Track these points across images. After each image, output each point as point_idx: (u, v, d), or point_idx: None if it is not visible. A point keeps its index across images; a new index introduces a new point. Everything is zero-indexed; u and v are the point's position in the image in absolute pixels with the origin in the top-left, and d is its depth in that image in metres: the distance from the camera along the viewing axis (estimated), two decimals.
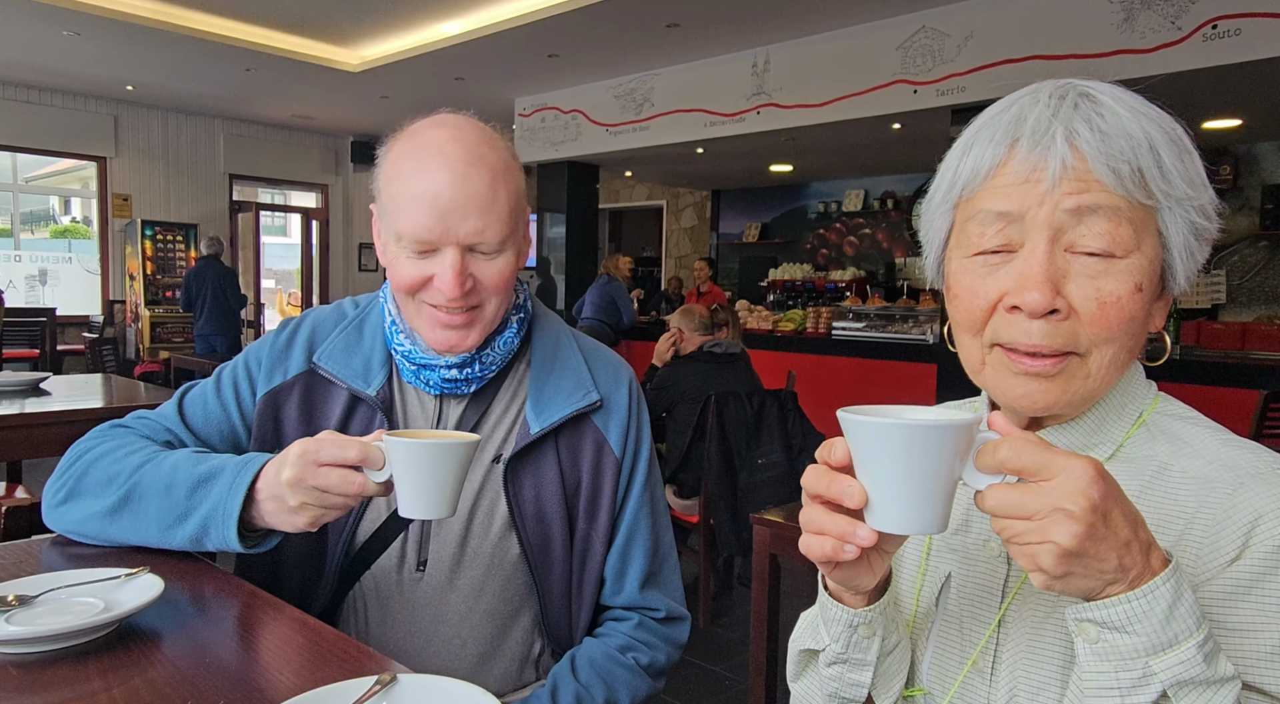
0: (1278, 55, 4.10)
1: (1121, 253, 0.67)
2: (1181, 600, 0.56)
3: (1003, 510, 0.56)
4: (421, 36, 6.42)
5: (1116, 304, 0.66)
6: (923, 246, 0.80)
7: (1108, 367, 0.69)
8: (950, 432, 0.56)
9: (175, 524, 0.99)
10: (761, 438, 3.33)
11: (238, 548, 0.95)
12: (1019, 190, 0.68)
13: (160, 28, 6.11)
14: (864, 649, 0.75)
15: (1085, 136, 0.66)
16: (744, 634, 3.20)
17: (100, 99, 8.51)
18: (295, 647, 0.87)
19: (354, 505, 0.93)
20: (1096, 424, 0.74)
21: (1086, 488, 0.53)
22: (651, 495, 1.17)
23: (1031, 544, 0.55)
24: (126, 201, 8.79)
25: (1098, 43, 4.57)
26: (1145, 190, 0.67)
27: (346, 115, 9.06)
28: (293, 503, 0.90)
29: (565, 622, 1.14)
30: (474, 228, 0.99)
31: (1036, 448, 0.55)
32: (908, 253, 9.03)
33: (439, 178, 0.98)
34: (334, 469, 0.88)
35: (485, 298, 1.04)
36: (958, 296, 0.73)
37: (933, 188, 0.77)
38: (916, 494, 0.57)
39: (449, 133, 1.01)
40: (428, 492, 0.86)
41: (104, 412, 2.81)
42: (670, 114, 6.79)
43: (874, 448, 0.57)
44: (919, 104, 5.35)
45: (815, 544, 0.63)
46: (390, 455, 0.86)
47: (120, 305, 8.81)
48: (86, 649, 0.83)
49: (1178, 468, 0.69)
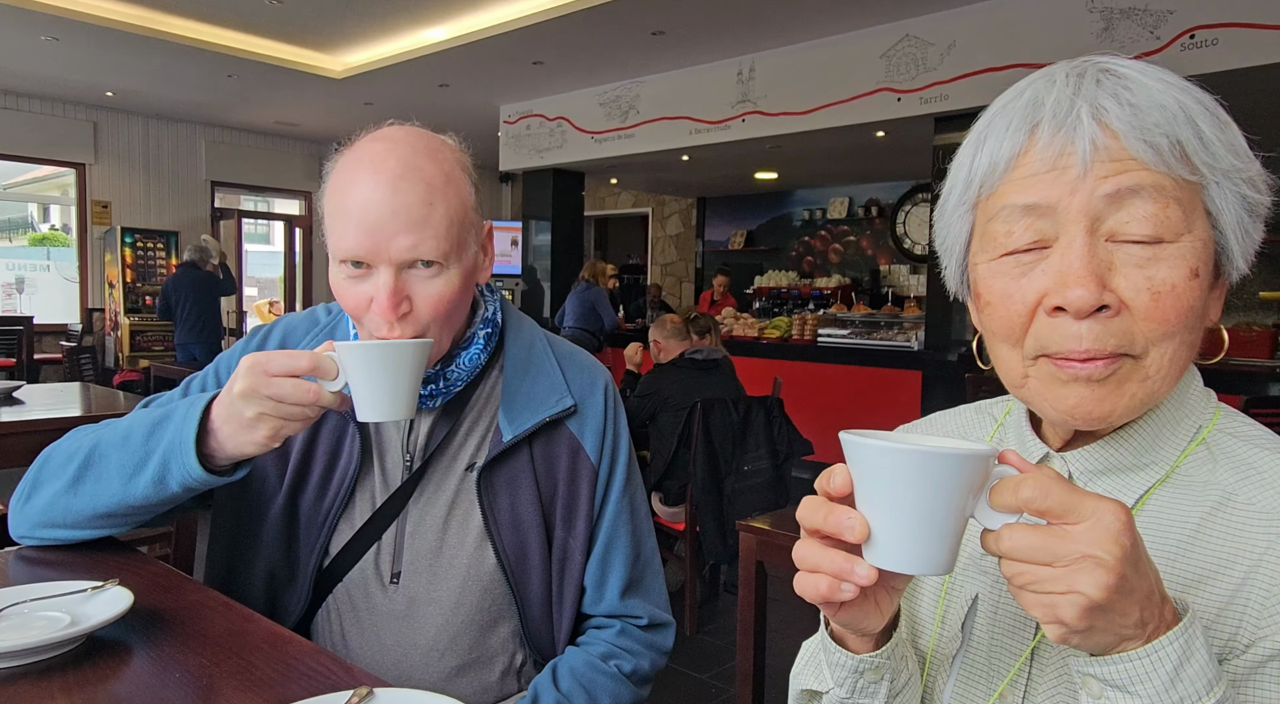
0: (1255, 65, 4.15)
1: (1171, 236, 0.59)
2: (1191, 661, 0.50)
3: (1022, 554, 0.50)
4: (406, 43, 6.40)
5: (1172, 293, 0.59)
6: (940, 256, 0.73)
7: (1168, 366, 0.61)
8: (968, 461, 0.50)
9: (137, 471, 0.96)
10: (747, 444, 3.32)
11: (201, 474, 0.92)
12: (1046, 180, 0.61)
13: (140, 33, 6.05)
14: (871, 694, 0.67)
15: (1115, 112, 0.59)
16: (730, 642, 3.18)
17: (79, 105, 8.42)
18: (269, 660, 0.85)
19: (313, 417, 0.90)
20: (1149, 440, 0.65)
21: (1119, 534, 0.48)
22: (631, 501, 1.16)
23: (1054, 594, 0.49)
24: (106, 209, 8.70)
25: (1078, 51, 4.50)
26: (1188, 165, 0.59)
27: (330, 122, 9.01)
28: (249, 414, 0.88)
29: (546, 631, 1.12)
30: (405, 244, 0.93)
31: (1064, 487, 0.49)
32: (892, 260, 9.08)
33: (367, 193, 0.93)
34: (287, 379, 0.87)
35: (425, 324, 0.97)
36: (990, 303, 0.65)
37: (945, 190, 0.70)
38: (925, 529, 0.51)
39: (384, 146, 0.96)
40: (384, 393, 0.87)
41: (80, 420, 2.77)
42: (655, 121, 6.80)
43: (880, 475, 0.52)
44: (903, 112, 5.39)
45: (809, 583, 0.56)
46: (343, 362, 0.88)
47: (99, 314, 8.71)
48: (51, 665, 0.80)
49: (1243, 498, 0.61)
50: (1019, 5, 4.87)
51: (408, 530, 1.07)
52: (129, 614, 0.86)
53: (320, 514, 1.07)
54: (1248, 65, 4.17)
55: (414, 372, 0.89)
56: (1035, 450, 0.71)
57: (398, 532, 1.07)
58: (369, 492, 1.08)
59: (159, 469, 0.94)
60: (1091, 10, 4.59)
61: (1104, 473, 0.67)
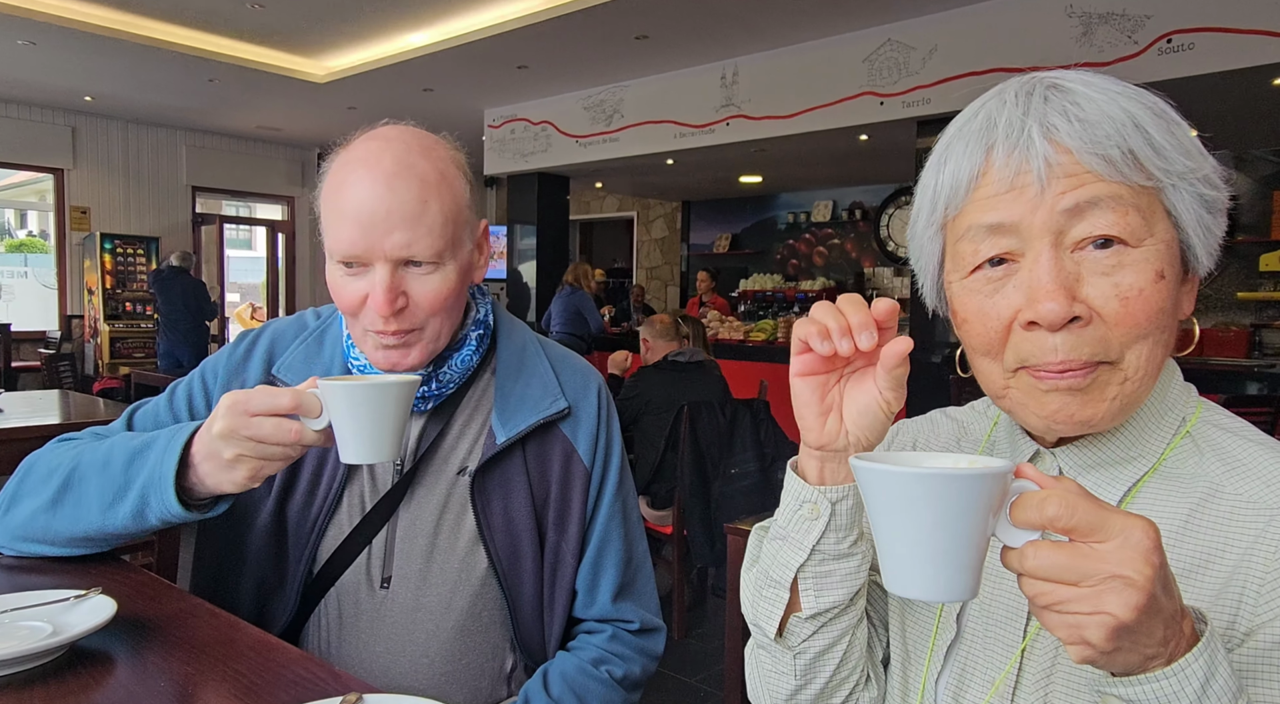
0: (1231, 69, 4.21)
1: (1134, 242, 0.61)
2: (1216, 676, 0.50)
3: (1048, 572, 0.48)
4: (389, 47, 6.38)
5: (1140, 297, 0.61)
6: (916, 274, 0.75)
7: (1145, 366, 0.62)
8: (986, 481, 0.49)
9: (116, 501, 0.95)
10: (734, 448, 3.32)
11: (179, 512, 0.91)
12: (1006, 200, 0.63)
13: (119, 37, 5.99)
14: (804, 530, 0.68)
15: (1064, 129, 0.61)
16: (719, 646, 3.18)
17: (58, 110, 8.32)
18: (256, 668, 0.84)
19: (295, 455, 0.89)
20: (1135, 434, 0.67)
21: (1149, 553, 0.47)
22: (623, 505, 1.15)
23: (1080, 614, 0.47)
24: (85, 214, 8.60)
25: (1058, 56, 4.66)
26: (1143, 172, 0.61)
27: (313, 126, 8.96)
28: (228, 455, 0.87)
29: (538, 636, 1.11)
30: (400, 241, 0.94)
31: (1091, 504, 0.48)
32: (876, 263, 9.12)
33: (362, 191, 0.94)
34: (268, 418, 0.85)
35: (422, 319, 0.98)
36: (966, 320, 0.68)
37: (914, 212, 0.72)
38: (947, 553, 0.49)
39: (379, 144, 0.97)
40: (368, 435, 0.84)
41: (59, 428, 2.73)
42: (640, 125, 6.80)
43: (895, 501, 0.50)
44: (885, 116, 5.42)
45: (802, 326, 0.63)
46: (326, 401, 0.85)
47: (78, 321, 8.60)
48: (32, 675, 0.79)
49: (1231, 490, 0.62)
50: (999, 10, 4.92)
51: (398, 535, 1.06)
52: (112, 623, 0.85)
53: (308, 520, 1.06)
54: (1224, 69, 4.23)
55: (399, 412, 0.85)
56: (1026, 448, 0.73)
57: (388, 536, 1.06)
58: (357, 496, 1.07)
59: (138, 502, 0.93)
60: (1071, 15, 4.64)
61: (1093, 467, 0.68)
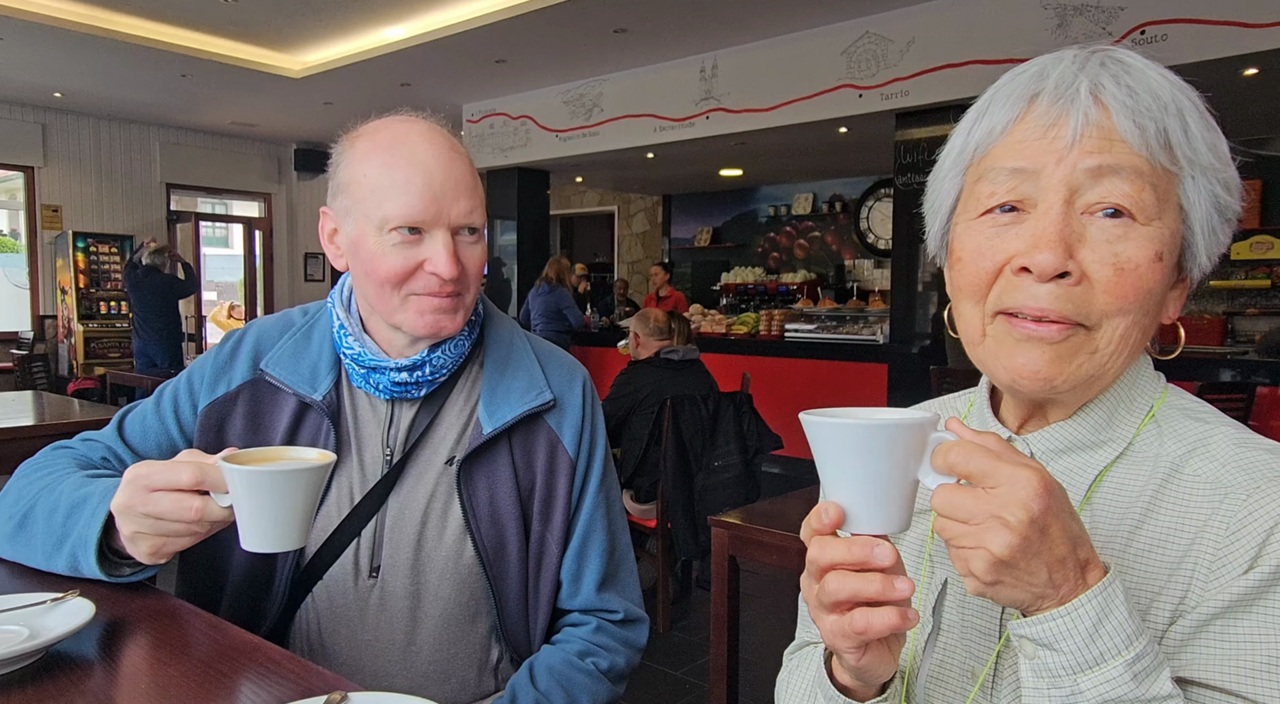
0: (1204, 59, 4.26)
1: (1143, 219, 0.62)
2: (1110, 617, 0.54)
3: (945, 510, 0.55)
4: (365, 42, 6.31)
5: (1135, 272, 0.62)
6: (926, 218, 0.76)
7: (1118, 342, 0.64)
8: (905, 430, 0.57)
9: (54, 550, 0.95)
10: (718, 440, 3.33)
11: (102, 577, 0.91)
12: (1035, 146, 0.64)
13: (89, 32, 5.89)
14: None
15: (1111, 90, 0.63)
16: (704, 638, 3.19)
17: (26, 107, 8.18)
18: (238, 669, 0.83)
19: (203, 532, 0.85)
20: (1105, 418, 0.69)
21: (1028, 500, 0.52)
22: (607, 496, 1.17)
23: (966, 548, 0.54)
24: (57, 213, 8.46)
25: (1034, 47, 4.63)
26: (1169, 154, 0.63)
27: (289, 122, 8.86)
28: (126, 532, 0.86)
29: (523, 627, 1.12)
30: (465, 208, 1.02)
31: (985, 454, 0.54)
32: (856, 255, 9.18)
33: (428, 160, 1.00)
34: (166, 494, 0.81)
35: (469, 284, 1.05)
36: (961, 259, 0.69)
37: (942, 154, 0.73)
38: (880, 491, 0.58)
39: (422, 126, 1.04)
40: (270, 522, 0.75)
41: (34, 430, 2.69)
42: (620, 119, 6.79)
43: (835, 449, 0.59)
44: (864, 108, 5.44)
45: (861, 621, 0.57)
46: (228, 482, 0.77)
47: (51, 321, 8.47)
48: (9, 680, 0.78)
49: (1190, 470, 0.65)
50: (976, 2, 4.94)
51: (388, 523, 1.07)
52: (90, 626, 0.84)
53: None
54: (1197, 59, 4.27)
55: (309, 497, 0.77)
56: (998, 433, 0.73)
57: (377, 525, 1.07)
58: (346, 486, 1.07)
59: (71, 558, 0.94)
60: (1046, 7, 4.67)
61: (1064, 452, 0.70)
